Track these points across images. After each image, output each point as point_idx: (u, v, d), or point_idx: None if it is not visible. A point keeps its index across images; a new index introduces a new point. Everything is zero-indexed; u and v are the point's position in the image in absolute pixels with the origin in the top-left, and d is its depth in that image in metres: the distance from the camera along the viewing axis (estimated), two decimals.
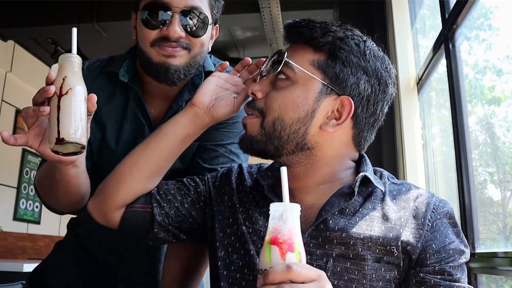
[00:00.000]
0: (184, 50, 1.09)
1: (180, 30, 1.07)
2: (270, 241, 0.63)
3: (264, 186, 0.90)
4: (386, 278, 0.81)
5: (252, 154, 0.91)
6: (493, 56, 1.82)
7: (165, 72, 1.08)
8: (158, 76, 1.09)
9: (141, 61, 1.14)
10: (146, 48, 1.09)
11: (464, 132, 1.75)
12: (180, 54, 1.09)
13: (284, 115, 0.85)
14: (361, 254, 0.81)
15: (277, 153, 0.88)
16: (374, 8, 2.81)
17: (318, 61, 0.86)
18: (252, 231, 0.89)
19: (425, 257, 0.81)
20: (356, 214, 0.85)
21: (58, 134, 0.81)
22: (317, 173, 0.89)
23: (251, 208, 0.92)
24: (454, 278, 0.81)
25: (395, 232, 0.82)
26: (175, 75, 1.09)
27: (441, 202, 0.87)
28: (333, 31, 0.86)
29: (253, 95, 0.89)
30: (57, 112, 0.81)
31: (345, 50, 0.85)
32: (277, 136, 0.86)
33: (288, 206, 0.65)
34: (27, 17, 3.81)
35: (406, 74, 2.51)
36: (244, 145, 0.91)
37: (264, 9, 3.19)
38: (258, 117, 0.88)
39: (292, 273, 0.59)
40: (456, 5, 1.78)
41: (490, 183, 1.85)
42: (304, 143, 0.86)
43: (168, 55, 1.07)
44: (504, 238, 1.71)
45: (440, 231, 0.83)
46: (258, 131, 0.87)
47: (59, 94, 0.82)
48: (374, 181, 0.87)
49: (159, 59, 1.08)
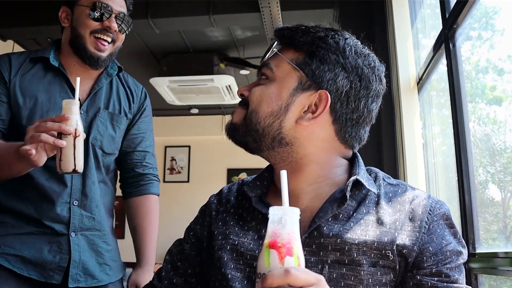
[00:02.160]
0: (111, 44, 1.48)
1: (115, 25, 1.46)
2: (269, 245, 0.63)
3: (252, 198, 0.91)
4: (382, 282, 0.80)
5: (235, 143, 0.95)
6: (495, 56, 1.82)
7: (97, 59, 1.46)
8: (90, 61, 1.47)
9: (75, 46, 1.47)
10: (85, 35, 1.45)
11: (464, 131, 1.75)
12: (107, 48, 1.48)
13: (259, 108, 0.90)
14: (357, 259, 0.80)
15: (256, 146, 0.92)
16: (374, 8, 2.81)
17: (296, 59, 0.89)
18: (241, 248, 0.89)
19: (422, 260, 0.81)
20: (351, 219, 0.84)
21: (74, 166, 1.14)
22: (305, 171, 0.89)
23: (237, 227, 0.92)
24: (451, 280, 0.81)
25: (390, 236, 0.82)
26: (102, 62, 1.48)
27: (437, 204, 0.87)
28: (314, 32, 0.90)
29: (241, 96, 0.95)
30: (73, 149, 1.14)
31: (323, 48, 0.88)
32: (253, 128, 0.90)
33: (287, 210, 0.65)
34: (27, 17, 3.80)
35: (406, 74, 2.50)
36: (228, 132, 0.95)
37: (264, 9, 3.19)
38: (244, 109, 0.93)
39: (290, 277, 0.59)
40: (456, 5, 1.78)
41: (491, 183, 1.85)
42: (281, 137, 0.88)
43: (99, 49, 1.46)
44: (505, 238, 1.71)
45: (437, 233, 0.83)
46: (240, 121, 0.92)
47: (75, 136, 1.14)
48: (367, 183, 0.87)
49: (92, 50, 1.45)
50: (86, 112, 1.50)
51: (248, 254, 0.86)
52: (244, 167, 5.72)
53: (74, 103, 1.16)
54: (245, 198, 0.95)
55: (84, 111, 1.49)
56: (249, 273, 0.85)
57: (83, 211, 1.46)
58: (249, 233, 0.89)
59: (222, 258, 0.88)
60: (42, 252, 1.38)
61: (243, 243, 0.88)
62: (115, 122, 1.55)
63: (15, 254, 1.36)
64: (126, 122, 1.60)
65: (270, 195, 0.94)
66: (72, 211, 1.43)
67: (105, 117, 1.53)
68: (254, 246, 0.87)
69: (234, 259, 0.87)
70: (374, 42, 2.82)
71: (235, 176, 5.84)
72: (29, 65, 1.49)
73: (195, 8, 3.44)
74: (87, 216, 1.47)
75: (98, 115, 1.51)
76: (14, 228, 1.39)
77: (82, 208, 1.46)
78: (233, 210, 0.95)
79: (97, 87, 1.53)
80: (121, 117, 1.57)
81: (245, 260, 0.86)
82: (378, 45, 2.68)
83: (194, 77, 4.35)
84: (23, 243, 1.38)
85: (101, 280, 1.49)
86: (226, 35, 4.17)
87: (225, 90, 4.58)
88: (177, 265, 0.98)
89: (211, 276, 0.91)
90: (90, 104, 1.52)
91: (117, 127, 1.56)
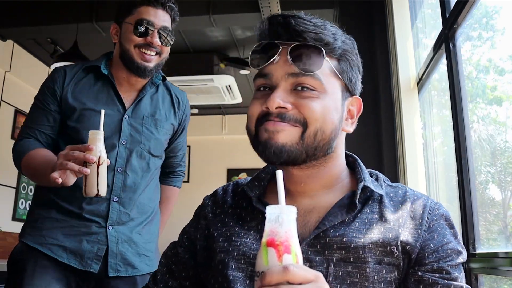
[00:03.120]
0: (156, 56, 1.61)
1: (158, 40, 1.59)
2: (267, 243, 0.63)
3: (252, 198, 0.90)
4: (387, 279, 0.81)
5: (275, 163, 0.85)
6: (495, 55, 1.82)
7: (144, 69, 1.59)
8: (138, 71, 1.59)
9: (124, 59, 1.60)
10: (130, 48, 1.58)
11: (464, 131, 1.74)
12: (153, 59, 1.60)
13: (324, 126, 0.83)
14: (362, 257, 0.80)
15: (302, 161, 0.85)
16: (374, 8, 2.81)
17: (335, 66, 0.86)
18: (243, 249, 0.88)
19: (423, 256, 0.82)
20: (356, 219, 0.85)
21: (97, 191, 1.27)
22: (326, 175, 0.89)
23: (237, 227, 0.91)
24: (452, 277, 0.81)
25: (394, 232, 0.83)
26: (148, 72, 1.61)
27: (436, 204, 0.88)
28: (334, 31, 0.87)
29: (282, 108, 0.82)
30: (96, 176, 1.27)
31: (348, 51, 0.87)
32: (314, 146, 0.83)
33: (284, 208, 0.65)
34: (27, 16, 3.80)
35: (407, 74, 2.50)
36: (270, 154, 0.83)
37: (264, 8, 3.19)
38: (297, 127, 0.83)
39: (289, 274, 0.59)
40: (456, 5, 1.78)
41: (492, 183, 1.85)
42: (330, 147, 0.86)
43: (145, 60, 1.59)
44: (505, 238, 1.71)
45: (437, 231, 0.84)
46: (296, 141, 0.82)
47: (98, 164, 1.27)
48: (374, 188, 0.87)
49: (139, 61, 1.58)
50: (132, 118, 1.63)
51: (251, 253, 0.86)
52: (244, 167, 5.72)
53: (99, 133, 1.29)
54: (242, 198, 0.95)
55: (129, 116, 1.63)
56: (251, 272, 0.85)
57: (121, 208, 1.59)
58: (251, 233, 0.88)
59: (224, 260, 0.87)
60: (81, 243, 1.53)
61: (245, 243, 0.87)
62: (159, 127, 1.67)
63: (58, 244, 1.52)
64: (170, 127, 1.72)
65: (268, 195, 0.94)
66: (111, 206, 1.57)
67: (150, 123, 1.66)
68: (257, 246, 0.87)
69: (236, 260, 0.86)
70: (374, 42, 2.82)
71: (235, 176, 5.84)
72: (82, 74, 1.65)
73: (195, 8, 3.44)
74: (124, 212, 1.60)
75: (143, 121, 1.65)
76: (59, 222, 1.55)
77: (121, 204, 1.59)
78: (231, 210, 0.94)
79: (141, 95, 1.66)
80: (166, 123, 1.69)
81: (247, 260, 0.86)
82: (378, 45, 2.68)
83: (194, 77, 4.35)
84: (66, 235, 1.53)
85: (141, 269, 1.61)
86: (226, 35, 4.17)
87: (225, 90, 4.58)
88: (171, 268, 0.98)
89: (209, 278, 0.90)
90: (135, 111, 1.65)
91: (162, 131, 1.68)
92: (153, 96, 1.70)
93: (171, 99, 1.75)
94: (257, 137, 0.85)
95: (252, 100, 0.88)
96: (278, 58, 0.84)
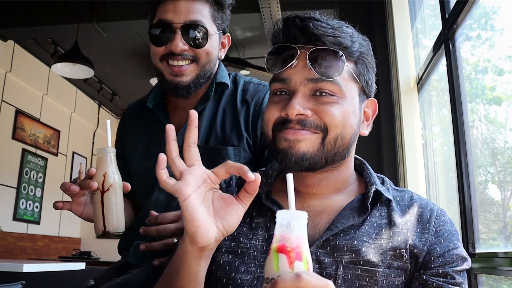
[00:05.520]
0: (192, 64, 1.19)
1: (182, 44, 1.16)
2: (277, 249, 0.62)
3: (261, 195, 0.89)
4: (395, 284, 0.81)
5: (296, 171, 0.83)
6: (494, 56, 1.82)
7: (175, 88, 1.19)
8: (169, 91, 1.22)
9: (158, 78, 1.24)
10: (157, 63, 1.21)
11: (464, 132, 1.75)
12: (189, 70, 1.19)
13: (344, 132, 0.83)
14: (372, 261, 0.80)
15: (320, 167, 0.84)
16: (374, 8, 2.81)
17: (353, 70, 0.85)
18: (251, 246, 0.86)
19: (429, 260, 0.82)
20: (365, 222, 0.85)
21: (104, 227, 0.97)
22: (339, 178, 0.89)
23: (245, 226, 0.88)
24: (456, 282, 0.81)
25: (403, 236, 0.83)
26: (184, 90, 1.19)
27: (442, 211, 0.89)
28: (352, 32, 0.86)
29: (302, 115, 0.81)
30: (101, 207, 0.96)
31: (365, 53, 0.87)
32: (334, 152, 0.83)
33: (296, 214, 0.64)
34: (27, 17, 3.81)
35: (406, 74, 2.50)
36: (291, 163, 0.81)
37: (264, 9, 3.19)
38: (318, 134, 0.82)
39: (302, 282, 0.58)
40: (456, 5, 1.78)
41: (491, 183, 1.85)
42: (348, 152, 0.87)
43: (175, 74, 1.18)
44: (504, 238, 1.71)
45: (444, 236, 0.84)
46: (317, 148, 0.82)
47: (102, 190, 0.96)
48: (384, 192, 0.88)
49: (169, 77, 1.19)
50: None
51: (262, 257, 0.85)
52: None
53: (105, 151, 0.98)
54: None
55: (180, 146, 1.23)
56: (260, 274, 0.84)
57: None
58: (259, 233, 0.87)
59: (234, 263, 0.85)
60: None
61: (255, 246, 0.86)
62: (217, 157, 1.21)
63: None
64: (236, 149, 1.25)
65: (275, 192, 0.92)
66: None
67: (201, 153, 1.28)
68: (267, 248, 0.85)
69: (245, 264, 0.85)
70: (374, 42, 2.82)
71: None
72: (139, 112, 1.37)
73: None
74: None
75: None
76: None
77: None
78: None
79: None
80: (226, 149, 1.24)
81: (258, 264, 0.84)
82: (378, 45, 2.68)
83: None
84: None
85: None
86: None
87: None
88: None
89: (211, 277, 0.87)
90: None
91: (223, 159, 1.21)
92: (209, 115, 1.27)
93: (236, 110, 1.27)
94: (275, 143, 0.84)
95: (268, 104, 0.86)
96: (296, 63, 0.82)
